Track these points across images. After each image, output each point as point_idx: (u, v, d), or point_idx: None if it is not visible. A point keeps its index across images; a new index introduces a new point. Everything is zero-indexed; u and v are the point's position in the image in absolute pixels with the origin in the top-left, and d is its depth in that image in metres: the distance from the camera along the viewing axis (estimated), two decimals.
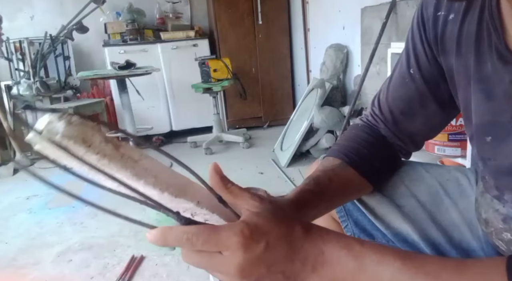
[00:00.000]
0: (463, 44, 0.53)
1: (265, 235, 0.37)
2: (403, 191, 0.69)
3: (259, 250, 0.37)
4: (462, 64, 0.54)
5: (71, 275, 1.61)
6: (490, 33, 0.49)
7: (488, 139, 0.53)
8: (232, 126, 3.87)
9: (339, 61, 2.93)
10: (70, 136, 0.31)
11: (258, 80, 3.85)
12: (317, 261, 0.39)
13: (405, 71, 0.63)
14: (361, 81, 2.30)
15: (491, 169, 0.55)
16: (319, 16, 3.34)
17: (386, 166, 0.68)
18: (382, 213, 0.68)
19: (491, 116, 0.51)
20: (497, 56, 0.48)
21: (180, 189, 0.38)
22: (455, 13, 0.54)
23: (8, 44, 3.29)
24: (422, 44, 0.60)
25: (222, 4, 3.58)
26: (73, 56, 3.62)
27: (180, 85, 3.63)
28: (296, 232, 0.39)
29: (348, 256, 0.39)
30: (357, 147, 0.66)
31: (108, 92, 3.61)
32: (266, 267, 0.37)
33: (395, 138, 0.69)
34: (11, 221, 2.19)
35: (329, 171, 0.61)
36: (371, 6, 2.47)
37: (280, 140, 3.04)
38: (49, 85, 3.14)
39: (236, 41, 3.70)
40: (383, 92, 0.69)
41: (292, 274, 0.38)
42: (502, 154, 0.51)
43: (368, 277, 0.38)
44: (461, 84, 0.56)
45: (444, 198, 0.68)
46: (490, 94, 0.51)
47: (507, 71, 0.47)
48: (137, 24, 3.52)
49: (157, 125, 3.59)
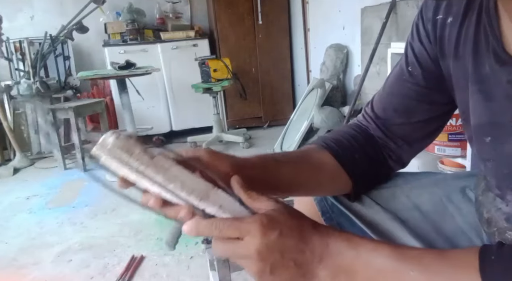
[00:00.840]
0: (461, 46, 0.54)
1: (280, 224, 0.42)
2: (404, 202, 0.68)
3: (274, 236, 0.42)
4: (460, 66, 0.55)
5: (71, 275, 1.61)
6: (487, 35, 0.49)
7: (488, 140, 0.53)
8: (232, 126, 3.87)
9: (339, 61, 2.93)
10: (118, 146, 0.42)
11: (258, 80, 3.85)
12: (323, 253, 0.43)
13: (404, 68, 0.63)
14: (361, 81, 2.30)
15: (492, 170, 0.55)
16: (319, 16, 3.34)
17: (367, 161, 0.66)
18: (387, 230, 0.67)
19: (490, 117, 0.52)
20: (494, 57, 0.49)
21: (204, 194, 0.45)
22: (453, 17, 0.54)
23: (8, 44, 3.29)
24: (422, 46, 0.60)
25: (222, 4, 3.58)
26: (73, 56, 3.62)
27: (180, 85, 3.63)
28: (306, 226, 0.44)
29: (348, 247, 0.43)
30: (338, 138, 0.66)
31: (108, 92, 3.61)
32: (280, 253, 0.42)
33: (385, 139, 0.67)
34: (11, 221, 2.19)
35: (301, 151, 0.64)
36: (371, 6, 2.47)
37: (280, 140, 3.04)
38: (49, 85, 3.14)
39: (236, 41, 3.70)
40: (378, 93, 0.69)
41: (302, 263, 0.43)
42: (502, 154, 0.51)
43: (362, 263, 0.43)
44: (459, 86, 0.56)
45: (448, 204, 0.67)
46: (488, 95, 0.51)
47: (504, 72, 0.48)
48: (137, 24, 3.51)
49: (157, 125, 3.59)
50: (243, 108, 3.85)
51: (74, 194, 2.50)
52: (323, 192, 0.68)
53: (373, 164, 0.67)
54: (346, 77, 3.03)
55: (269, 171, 0.58)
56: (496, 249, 0.40)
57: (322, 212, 0.70)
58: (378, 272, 0.42)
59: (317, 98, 2.65)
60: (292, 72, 3.97)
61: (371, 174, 0.67)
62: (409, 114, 0.64)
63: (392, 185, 0.71)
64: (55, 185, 2.71)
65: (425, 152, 1.61)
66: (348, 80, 3.01)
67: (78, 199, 2.41)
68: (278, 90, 3.92)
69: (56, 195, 2.53)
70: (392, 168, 0.70)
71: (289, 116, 3.29)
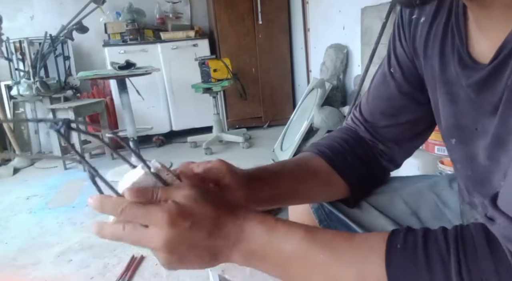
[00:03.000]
0: (429, 46, 0.54)
1: (191, 216, 0.41)
2: (403, 209, 0.68)
3: (184, 228, 0.41)
4: (429, 66, 0.55)
5: (71, 275, 1.60)
6: (454, 37, 0.49)
7: (453, 141, 0.54)
8: (232, 126, 3.87)
9: (339, 61, 2.93)
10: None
11: (258, 80, 3.85)
12: (237, 238, 0.43)
13: (386, 71, 0.63)
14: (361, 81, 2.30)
15: (460, 172, 0.55)
16: (319, 16, 3.34)
17: (360, 162, 0.66)
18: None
19: (455, 119, 0.52)
20: (458, 59, 0.48)
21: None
22: (425, 16, 0.54)
23: (8, 44, 3.29)
24: (401, 46, 0.60)
25: (222, 4, 3.58)
26: (73, 56, 3.62)
27: (180, 85, 3.63)
28: (221, 213, 0.43)
29: (262, 231, 0.43)
30: (329, 143, 0.66)
31: (108, 92, 3.61)
32: (189, 245, 0.41)
33: (375, 141, 0.67)
34: (11, 221, 2.19)
35: (297, 159, 0.64)
36: (371, 6, 2.47)
37: (280, 140, 3.04)
38: (49, 85, 3.14)
39: (236, 41, 3.70)
40: (365, 96, 0.69)
41: (216, 250, 0.43)
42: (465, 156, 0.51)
43: (274, 249, 0.43)
44: (430, 87, 0.57)
45: (445, 210, 0.66)
46: (453, 97, 0.51)
47: (464, 75, 0.47)
48: (137, 24, 3.51)
49: (157, 125, 3.59)
50: (243, 108, 3.85)
51: (74, 194, 2.50)
52: (321, 198, 0.68)
53: (366, 165, 0.67)
54: (346, 77, 3.03)
55: (269, 185, 0.58)
56: (403, 236, 0.40)
57: (319, 220, 0.70)
58: (288, 257, 0.43)
59: (317, 98, 2.65)
60: (292, 72, 3.97)
61: (365, 175, 0.67)
62: (395, 116, 0.64)
63: (390, 189, 0.70)
64: (55, 185, 2.71)
65: (425, 152, 1.61)
66: (348, 80, 3.01)
67: (78, 199, 2.41)
68: (278, 90, 3.92)
69: (56, 195, 2.53)
70: (386, 168, 0.70)
71: (289, 116, 3.29)
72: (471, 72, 0.46)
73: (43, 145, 3.47)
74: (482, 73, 0.44)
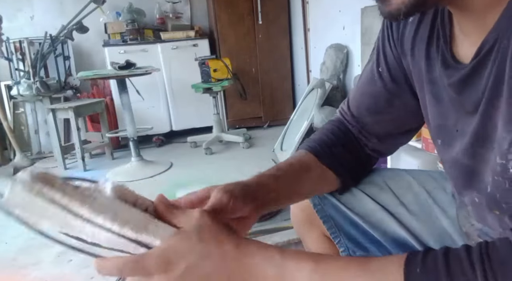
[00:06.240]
0: (416, 46, 0.55)
1: (185, 257, 0.40)
2: (393, 199, 0.69)
3: (179, 272, 0.40)
4: (416, 66, 0.56)
5: (71, 275, 1.60)
6: (439, 38, 0.50)
7: (439, 142, 0.54)
8: (232, 126, 3.87)
9: (339, 61, 2.93)
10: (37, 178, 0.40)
11: (258, 80, 3.85)
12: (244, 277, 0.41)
13: (374, 69, 0.64)
14: None
15: (449, 171, 0.55)
16: (319, 16, 3.34)
17: (348, 153, 0.67)
18: (378, 220, 0.68)
19: (439, 119, 0.52)
20: (441, 60, 0.49)
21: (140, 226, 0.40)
22: (413, 16, 0.54)
23: (8, 44, 3.28)
24: (390, 46, 0.61)
25: (222, 4, 3.58)
26: (73, 56, 3.62)
27: (180, 85, 3.63)
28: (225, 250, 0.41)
29: (270, 266, 0.41)
30: (320, 137, 0.68)
31: (108, 92, 3.61)
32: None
33: (360, 135, 0.69)
34: (11, 221, 2.19)
35: (291, 159, 0.65)
36: (371, 6, 2.47)
37: (280, 140, 3.04)
38: (49, 85, 3.14)
39: (236, 41, 3.70)
40: (353, 90, 0.70)
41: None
42: (450, 157, 0.52)
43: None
44: (418, 86, 0.57)
45: (434, 207, 0.67)
46: (438, 97, 0.52)
47: (446, 75, 0.48)
48: (137, 24, 3.51)
49: (157, 125, 3.58)
50: (243, 108, 3.85)
51: None
52: (317, 193, 0.70)
53: (353, 156, 0.68)
54: (346, 77, 3.02)
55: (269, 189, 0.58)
56: (422, 258, 0.38)
57: (313, 204, 0.71)
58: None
59: (317, 98, 2.65)
60: (292, 72, 3.97)
61: (353, 166, 0.68)
62: (380, 113, 0.66)
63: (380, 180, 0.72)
64: None
65: (425, 152, 1.61)
66: (348, 80, 3.01)
67: None
68: (278, 90, 3.92)
69: None
70: (371, 155, 0.71)
71: (289, 116, 3.29)
72: (453, 72, 0.46)
73: (43, 145, 3.47)
74: (462, 73, 0.45)
